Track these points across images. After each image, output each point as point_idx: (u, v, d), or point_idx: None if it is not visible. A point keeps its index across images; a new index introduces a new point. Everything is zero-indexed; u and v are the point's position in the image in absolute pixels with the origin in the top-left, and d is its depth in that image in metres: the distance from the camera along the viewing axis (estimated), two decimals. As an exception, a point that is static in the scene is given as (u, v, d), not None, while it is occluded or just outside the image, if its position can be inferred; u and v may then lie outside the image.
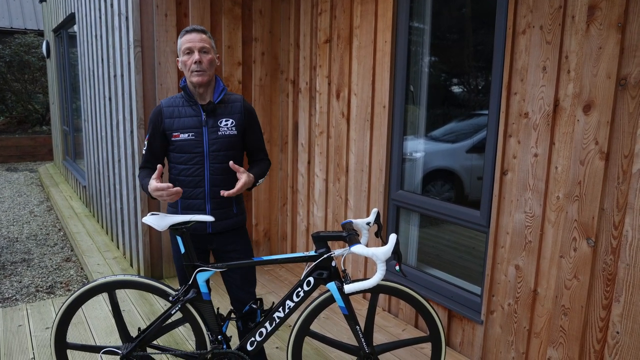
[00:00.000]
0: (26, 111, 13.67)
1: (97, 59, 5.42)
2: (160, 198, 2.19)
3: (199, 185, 2.38)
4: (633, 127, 2.24)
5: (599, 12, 2.32)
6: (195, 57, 2.26)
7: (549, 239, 2.64)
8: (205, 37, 2.31)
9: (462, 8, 3.17)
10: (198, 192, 2.38)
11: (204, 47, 2.29)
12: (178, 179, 2.41)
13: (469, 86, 3.21)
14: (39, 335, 3.35)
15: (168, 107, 2.38)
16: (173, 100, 2.40)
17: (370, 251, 1.98)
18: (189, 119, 2.35)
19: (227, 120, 2.38)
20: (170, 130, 2.36)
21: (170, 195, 2.17)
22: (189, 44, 2.27)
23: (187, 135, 2.34)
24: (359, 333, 2.24)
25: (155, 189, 2.17)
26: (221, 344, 2.34)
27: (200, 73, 2.28)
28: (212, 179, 2.38)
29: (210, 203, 2.40)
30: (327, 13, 4.08)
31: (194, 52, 2.27)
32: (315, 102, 4.35)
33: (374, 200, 3.81)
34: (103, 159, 5.55)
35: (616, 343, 2.38)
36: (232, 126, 2.39)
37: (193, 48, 2.27)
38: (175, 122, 2.35)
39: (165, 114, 2.37)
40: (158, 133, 2.39)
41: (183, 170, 2.38)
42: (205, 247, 2.49)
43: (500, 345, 2.96)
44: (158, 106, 2.40)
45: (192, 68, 2.28)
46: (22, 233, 6.28)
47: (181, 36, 2.31)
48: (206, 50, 2.30)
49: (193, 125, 2.35)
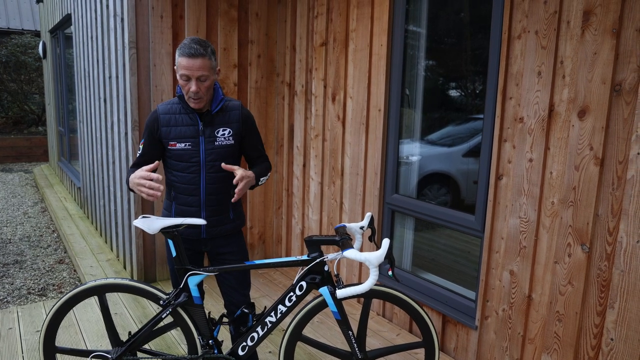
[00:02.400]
0: (22, 112, 13.63)
1: (92, 60, 5.40)
2: (139, 188, 2.14)
3: (194, 193, 2.35)
4: (628, 132, 2.23)
5: (594, 17, 2.31)
6: (192, 87, 2.17)
7: (544, 244, 2.62)
8: (204, 62, 2.16)
9: (458, 12, 3.17)
10: (193, 200, 2.36)
11: (202, 75, 2.17)
12: (174, 184, 2.38)
13: (465, 90, 3.20)
14: (29, 339, 3.31)
15: (165, 114, 2.33)
16: (170, 107, 2.34)
17: (363, 256, 1.96)
18: (185, 128, 2.31)
19: (225, 129, 2.34)
20: (166, 139, 2.32)
21: (151, 189, 2.12)
22: (186, 72, 2.15)
23: (184, 145, 2.30)
24: (351, 338, 2.22)
25: (140, 176, 2.13)
26: (212, 348, 2.32)
27: (197, 100, 2.23)
28: (207, 188, 2.35)
29: (206, 211, 2.38)
30: (324, 16, 4.08)
31: (191, 81, 2.18)
32: (311, 105, 4.34)
33: (369, 203, 3.80)
34: (98, 160, 5.53)
35: (610, 350, 2.37)
36: (229, 136, 2.35)
37: (191, 76, 2.17)
38: (172, 130, 2.31)
39: (162, 121, 2.32)
40: (154, 140, 2.35)
41: (179, 177, 2.36)
42: (200, 248, 2.47)
43: (495, 351, 2.95)
44: (154, 112, 2.35)
45: (189, 95, 2.21)
46: (16, 234, 6.24)
47: (179, 54, 2.17)
48: (204, 78, 2.19)
49: (190, 135, 2.30)
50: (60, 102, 8.55)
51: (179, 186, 2.36)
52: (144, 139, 2.37)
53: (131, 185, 2.22)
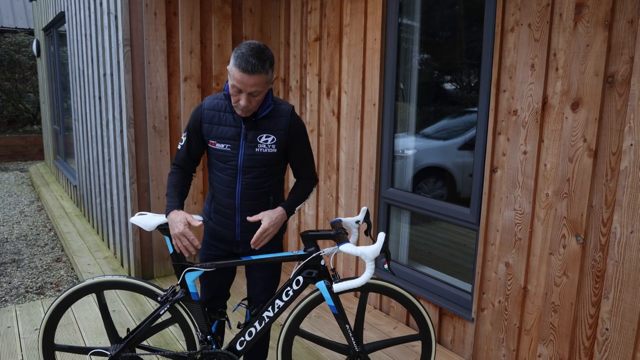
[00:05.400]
0: (17, 110, 13.58)
1: (87, 58, 5.39)
2: (176, 235, 2.10)
3: (231, 197, 2.26)
4: (621, 124, 2.24)
5: (586, 10, 2.32)
6: (242, 102, 2.05)
7: (539, 236, 2.64)
8: (260, 78, 2.01)
9: (452, 5, 3.17)
10: (229, 203, 2.27)
11: (256, 91, 2.03)
12: (214, 184, 2.31)
13: (459, 83, 3.21)
14: (28, 337, 3.32)
15: (209, 110, 2.22)
16: (216, 103, 2.22)
17: (359, 250, 1.97)
18: (227, 129, 2.19)
19: (268, 136, 2.18)
20: (207, 137, 2.23)
21: (187, 247, 2.11)
22: (240, 85, 2.01)
23: (224, 146, 2.20)
24: (348, 332, 2.24)
25: (182, 233, 2.09)
26: (210, 343, 2.33)
27: (245, 112, 2.11)
28: (243, 193, 2.25)
29: (240, 215, 2.28)
30: (317, 11, 4.07)
31: (242, 94, 2.04)
32: (305, 100, 4.34)
33: (364, 198, 3.81)
34: (93, 158, 5.52)
35: (605, 340, 2.39)
36: (272, 143, 2.19)
37: (243, 90, 2.03)
38: (213, 129, 2.21)
39: (205, 118, 2.22)
40: (196, 135, 2.27)
41: (218, 177, 2.28)
42: (232, 250, 2.39)
43: (491, 342, 2.97)
44: (199, 106, 2.25)
45: (237, 106, 2.09)
46: (12, 233, 6.23)
47: (234, 64, 2.00)
48: (257, 94, 2.05)
49: (231, 137, 2.18)
50: (55, 100, 8.53)
51: (217, 186, 2.28)
52: (187, 132, 2.29)
53: (169, 222, 2.15)
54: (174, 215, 2.14)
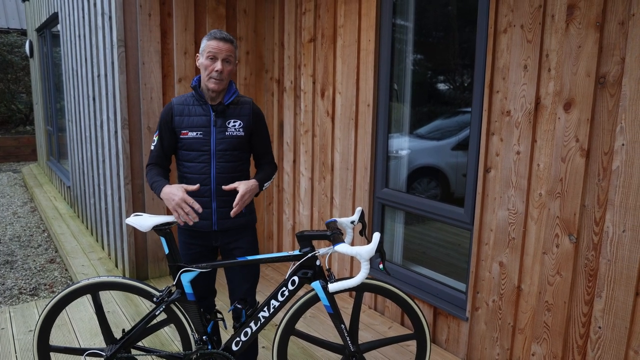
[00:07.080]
0: (9, 111, 13.49)
1: (80, 59, 5.37)
2: (175, 207, 2.20)
3: (205, 183, 2.40)
4: (612, 124, 2.27)
5: (578, 11, 2.34)
6: (217, 66, 2.29)
7: (532, 235, 2.66)
8: (231, 47, 2.33)
9: (445, 6, 3.19)
10: (204, 190, 2.40)
11: (228, 57, 2.32)
12: (185, 176, 2.43)
13: (453, 84, 3.23)
14: (22, 339, 3.31)
15: (179, 104, 2.41)
16: (184, 99, 2.43)
17: (354, 250, 1.98)
18: (198, 118, 2.39)
19: (236, 121, 2.42)
20: (179, 128, 2.39)
21: (189, 214, 2.19)
22: (214, 51, 2.29)
23: (196, 134, 2.38)
24: (343, 332, 2.25)
25: (182, 198, 2.19)
26: (206, 344, 2.33)
27: (218, 81, 2.32)
28: (218, 177, 2.40)
29: (217, 201, 2.41)
30: (311, 12, 4.08)
31: (217, 60, 2.30)
32: (300, 101, 4.35)
33: (359, 198, 3.82)
34: (87, 159, 5.50)
35: (598, 338, 2.41)
36: (239, 127, 2.42)
37: (217, 56, 2.29)
38: (184, 120, 2.39)
39: (176, 111, 2.40)
40: (168, 130, 2.42)
41: (190, 168, 2.41)
42: (210, 244, 2.49)
43: (486, 341, 2.99)
44: (169, 104, 2.44)
45: (212, 75, 2.30)
46: (5, 235, 6.20)
47: (208, 38, 2.32)
48: (229, 61, 2.33)
49: (202, 124, 2.38)
50: (48, 101, 8.49)
51: (190, 177, 2.41)
52: (158, 131, 2.44)
53: (165, 196, 2.25)
54: (168, 188, 2.27)
